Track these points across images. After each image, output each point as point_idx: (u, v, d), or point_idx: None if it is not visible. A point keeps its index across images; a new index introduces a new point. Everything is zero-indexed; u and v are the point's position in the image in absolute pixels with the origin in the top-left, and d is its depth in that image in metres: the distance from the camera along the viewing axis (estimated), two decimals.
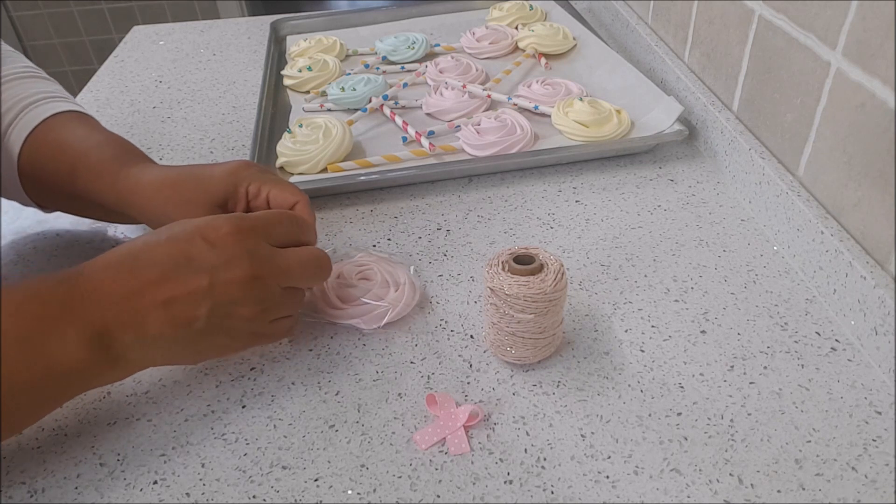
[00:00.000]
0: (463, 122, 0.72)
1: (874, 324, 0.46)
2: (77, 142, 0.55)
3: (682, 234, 0.60)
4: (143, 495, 0.42)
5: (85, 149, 0.55)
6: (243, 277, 0.42)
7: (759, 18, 0.61)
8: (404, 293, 0.52)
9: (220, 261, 0.41)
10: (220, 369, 0.49)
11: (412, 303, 0.52)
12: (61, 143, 0.55)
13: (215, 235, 0.42)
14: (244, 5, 2.50)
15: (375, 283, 0.52)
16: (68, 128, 0.56)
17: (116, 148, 0.56)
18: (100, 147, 0.55)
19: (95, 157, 0.54)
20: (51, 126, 0.56)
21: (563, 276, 0.45)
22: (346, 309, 0.51)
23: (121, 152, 0.55)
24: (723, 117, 0.66)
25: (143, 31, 1.10)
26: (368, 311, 0.51)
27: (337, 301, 0.52)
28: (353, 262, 0.55)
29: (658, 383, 0.46)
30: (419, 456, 0.43)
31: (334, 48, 0.91)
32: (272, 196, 0.52)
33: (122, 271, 0.41)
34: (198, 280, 0.41)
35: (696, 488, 0.40)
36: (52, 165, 0.55)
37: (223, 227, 0.42)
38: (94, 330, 0.40)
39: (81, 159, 0.54)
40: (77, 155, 0.54)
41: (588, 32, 0.90)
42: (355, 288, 0.52)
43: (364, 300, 0.51)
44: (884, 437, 0.42)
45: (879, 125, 0.46)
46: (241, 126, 0.80)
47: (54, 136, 0.56)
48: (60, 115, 0.57)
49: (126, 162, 0.54)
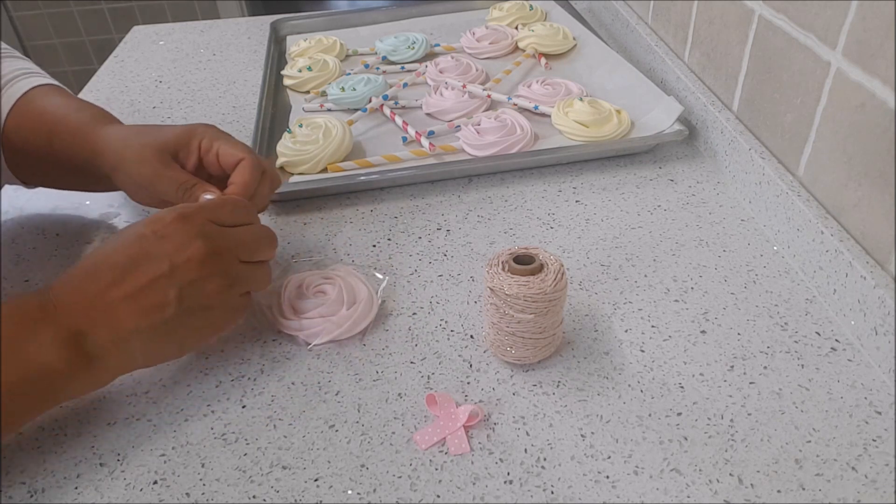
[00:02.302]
0: (463, 122, 0.72)
1: (874, 324, 0.46)
2: (56, 108, 0.58)
3: (682, 234, 0.60)
4: (143, 495, 0.42)
5: (63, 113, 0.58)
6: (200, 255, 0.43)
7: (759, 18, 0.61)
8: (354, 314, 0.50)
9: (175, 246, 0.43)
10: (220, 369, 0.49)
11: (358, 327, 0.51)
12: (41, 112, 0.58)
13: (162, 226, 0.44)
14: (244, 5, 2.50)
15: (330, 298, 0.51)
16: (48, 98, 0.60)
17: (94, 110, 0.59)
18: (78, 111, 0.58)
19: (74, 119, 0.57)
20: (31, 98, 0.59)
21: (563, 276, 0.45)
22: (292, 320, 0.51)
23: (98, 113, 0.59)
24: (723, 117, 0.66)
25: (143, 31, 1.10)
26: (308, 326, 0.50)
27: (288, 310, 0.51)
28: (319, 274, 0.54)
29: (658, 383, 0.46)
30: (419, 456, 0.43)
31: (334, 48, 0.91)
32: (221, 152, 0.54)
33: (86, 280, 0.42)
34: (158, 267, 0.42)
35: (696, 488, 0.40)
36: (33, 133, 0.58)
37: (168, 217, 0.44)
38: (69, 332, 0.41)
39: (60, 122, 0.57)
40: (55, 119, 0.58)
41: (588, 32, 0.90)
42: (307, 300, 0.52)
43: (304, 317, 0.51)
44: (884, 437, 0.42)
45: (879, 125, 0.46)
46: (241, 126, 0.80)
47: (34, 107, 0.59)
48: (40, 87, 0.60)
49: (101, 121, 0.57)
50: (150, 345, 0.43)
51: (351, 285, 0.53)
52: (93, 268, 0.43)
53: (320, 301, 0.51)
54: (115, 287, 0.42)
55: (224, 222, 0.46)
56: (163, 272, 0.42)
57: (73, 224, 0.66)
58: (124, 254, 0.43)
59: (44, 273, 0.60)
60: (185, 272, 0.43)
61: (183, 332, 0.44)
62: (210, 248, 0.44)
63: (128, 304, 0.42)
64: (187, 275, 0.43)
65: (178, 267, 0.42)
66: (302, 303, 0.52)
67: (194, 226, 0.44)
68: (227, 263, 0.45)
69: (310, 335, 0.50)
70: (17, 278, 0.59)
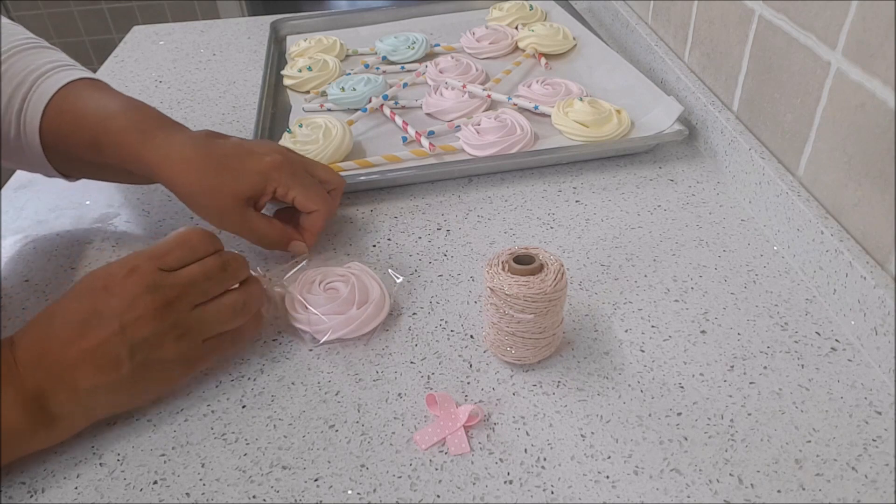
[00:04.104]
0: (463, 122, 0.72)
1: (874, 324, 0.46)
2: (95, 110, 0.55)
3: (682, 234, 0.60)
4: (143, 495, 0.42)
5: (103, 118, 0.55)
6: (150, 310, 0.42)
7: (759, 18, 0.61)
8: (363, 314, 0.50)
9: (124, 304, 0.42)
10: (220, 369, 0.49)
11: (367, 327, 0.51)
12: (80, 113, 0.56)
13: (113, 282, 0.43)
14: (244, 5, 2.50)
15: (341, 296, 0.51)
16: (84, 95, 0.56)
17: (136, 114, 0.56)
18: (118, 116, 0.55)
19: (116, 128, 0.54)
20: (66, 95, 0.56)
21: (563, 276, 0.45)
22: (301, 314, 0.51)
23: (140, 118, 0.55)
24: (723, 117, 0.66)
25: (143, 31, 1.10)
26: (317, 322, 0.50)
27: (298, 304, 0.51)
28: (334, 270, 0.54)
29: (658, 383, 0.46)
30: (419, 456, 0.43)
31: (334, 48, 0.91)
32: (297, 202, 0.56)
33: (42, 336, 0.42)
34: (108, 326, 0.41)
35: (696, 488, 0.40)
36: (74, 136, 0.55)
37: (118, 273, 0.43)
38: (31, 394, 0.40)
39: (102, 130, 0.54)
40: (97, 125, 0.55)
41: (588, 32, 0.90)
42: (318, 296, 0.51)
43: (313, 312, 0.50)
44: (884, 437, 0.42)
45: (879, 125, 0.46)
46: (241, 126, 0.80)
47: (70, 106, 0.56)
48: (74, 83, 0.57)
49: (146, 130, 0.54)
50: (109, 398, 0.43)
51: (364, 284, 0.52)
52: (49, 323, 0.43)
53: (331, 298, 0.51)
54: (69, 346, 0.41)
55: (174, 265, 0.44)
56: (113, 331, 0.41)
57: (73, 224, 0.66)
58: (78, 310, 0.42)
59: (44, 274, 0.59)
60: (136, 330, 0.42)
61: (142, 385, 0.44)
62: (160, 302, 0.43)
63: (83, 364, 0.41)
64: (139, 332, 0.42)
65: (129, 325, 0.42)
66: (313, 298, 0.51)
67: (143, 280, 0.43)
68: (178, 313, 0.43)
69: (318, 332, 0.50)
70: (17, 278, 0.59)
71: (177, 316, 0.43)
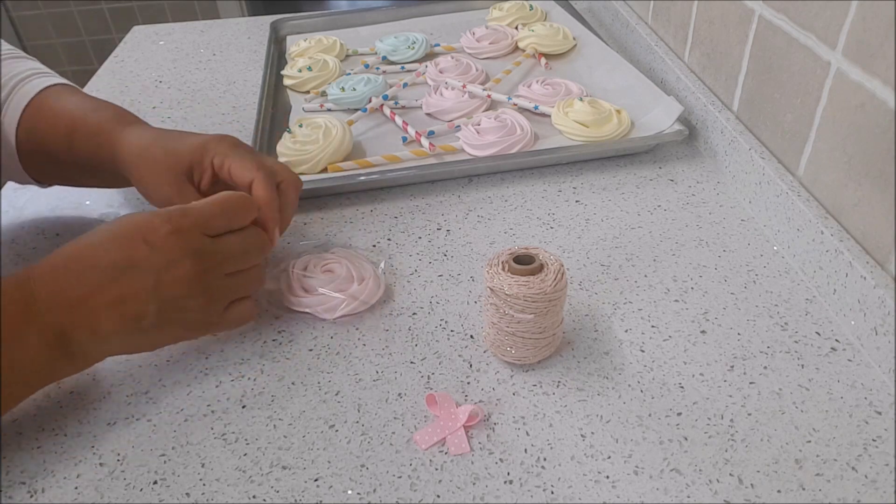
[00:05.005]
0: (463, 122, 0.72)
1: (874, 324, 0.46)
2: (73, 108, 0.58)
3: (682, 234, 0.60)
4: (143, 495, 0.42)
5: (82, 113, 0.57)
6: (187, 275, 0.43)
7: (759, 18, 0.61)
8: (366, 288, 0.53)
9: (163, 262, 0.43)
10: (220, 369, 0.49)
11: (372, 299, 0.53)
12: (58, 111, 0.58)
13: (155, 237, 0.43)
14: (244, 5, 2.50)
15: (339, 276, 0.53)
16: (63, 97, 0.59)
17: (112, 109, 0.59)
18: (96, 110, 0.58)
19: (94, 119, 0.57)
20: (45, 98, 0.59)
21: (563, 276, 0.45)
22: (305, 297, 0.52)
23: (117, 112, 0.58)
24: (723, 117, 0.66)
25: (143, 31, 1.10)
26: (325, 301, 0.52)
27: (298, 290, 0.53)
28: (322, 256, 0.56)
29: (658, 383, 0.46)
30: (419, 456, 0.43)
31: (334, 48, 0.91)
32: (233, 171, 0.53)
33: (70, 276, 0.42)
34: (143, 281, 0.42)
35: (696, 488, 0.40)
36: (51, 134, 0.57)
37: (162, 228, 0.43)
38: (53, 333, 0.42)
39: (79, 122, 0.57)
40: (75, 119, 0.57)
41: (588, 32, 0.90)
42: (317, 279, 0.53)
43: (321, 290, 0.52)
44: (884, 437, 0.42)
45: (879, 125, 0.46)
46: (241, 126, 0.80)
47: (50, 106, 0.58)
48: (53, 87, 0.60)
49: (121, 121, 0.57)
50: (123, 343, 0.45)
51: (356, 264, 0.55)
52: (77, 262, 0.43)
53: (330, 279, 0.53)
54: (98, 292, 0.42)
55: (219, 231, 0.46)
56: (147, 288, 0.42)
57: (72, 224, 0.66)
58: (111, 257, 0.42)
59: None
60: (169, 289, 0.43)
61: (157, 337, 0.46)
62: (199, 268, 0.44)
63: (109, 311, 0.42)
64: (170, 293, 0.43)
65: (164, 283, 0.42)
66: (312, 281, 0.53)
67: (187, 243, 0.43)
68: (211, 281, 0.45)
69: (327, 309, 0.52)
70: None
71: (210, 284, 0.45)
